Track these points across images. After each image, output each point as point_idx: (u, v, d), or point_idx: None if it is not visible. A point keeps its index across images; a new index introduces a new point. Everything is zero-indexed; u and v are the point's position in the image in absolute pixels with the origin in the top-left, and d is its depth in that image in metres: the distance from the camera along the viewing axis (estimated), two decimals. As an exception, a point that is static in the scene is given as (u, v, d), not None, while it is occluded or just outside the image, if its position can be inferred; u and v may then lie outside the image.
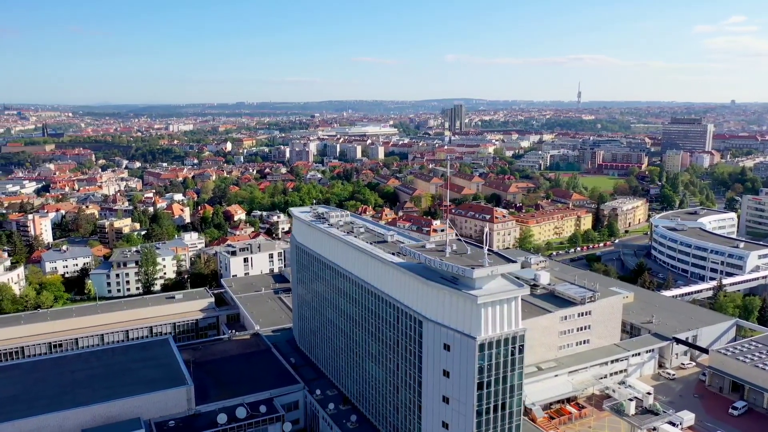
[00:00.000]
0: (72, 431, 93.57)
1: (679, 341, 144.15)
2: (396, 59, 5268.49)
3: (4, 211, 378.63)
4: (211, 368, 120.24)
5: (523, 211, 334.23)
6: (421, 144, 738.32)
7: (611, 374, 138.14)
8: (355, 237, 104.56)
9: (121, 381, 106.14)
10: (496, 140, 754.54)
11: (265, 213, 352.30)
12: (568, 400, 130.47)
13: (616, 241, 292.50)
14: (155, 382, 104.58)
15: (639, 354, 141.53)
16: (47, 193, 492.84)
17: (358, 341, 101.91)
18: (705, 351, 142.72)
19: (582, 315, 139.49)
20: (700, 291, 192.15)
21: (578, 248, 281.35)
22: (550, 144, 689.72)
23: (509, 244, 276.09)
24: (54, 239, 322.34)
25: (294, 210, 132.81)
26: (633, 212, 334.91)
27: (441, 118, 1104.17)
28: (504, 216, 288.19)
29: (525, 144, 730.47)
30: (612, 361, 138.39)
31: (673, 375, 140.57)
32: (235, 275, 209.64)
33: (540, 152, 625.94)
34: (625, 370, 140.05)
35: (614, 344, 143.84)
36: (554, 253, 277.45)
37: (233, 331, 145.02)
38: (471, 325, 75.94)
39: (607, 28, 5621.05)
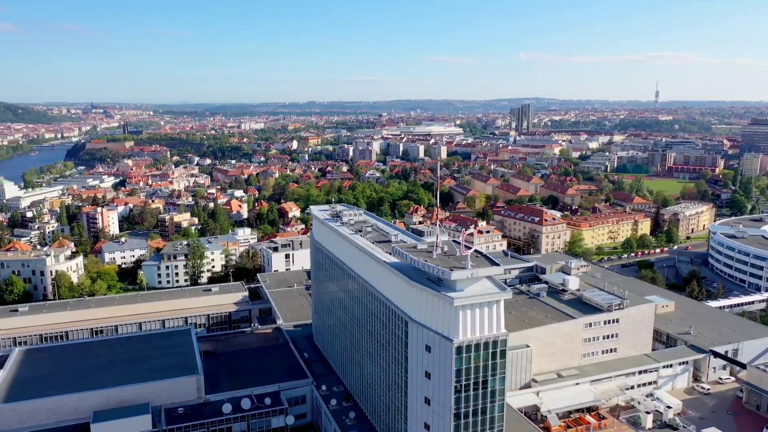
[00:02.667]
0: (86, 412, 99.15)
1: (716, 354, 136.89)
2: (468, 58, 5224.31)
3: (80, 204, 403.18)
4: (228, 359, 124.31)
5: (578, 214, 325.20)
6: (484, 144, 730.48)
7: (639, 385, 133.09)
8: (362, 236, 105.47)
9: (138, 367, 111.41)
10: (563, 141, 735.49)
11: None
12: (589, 410, 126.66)
13: (675, 247, 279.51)
14: (168, 370, 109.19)
15: (671, 366, 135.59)
16: (122, 188, 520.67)
17: (359, 339, 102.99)
18: (744, 366, 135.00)
19: (608, 323, 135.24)
20: (752, 302, 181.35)
21: (632, 254, 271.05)
22: (620, 145, 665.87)
23: (558, 248, 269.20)
24: (120, 231, 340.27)
25: (313, 208, 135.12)
26: (697, 218, 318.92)
27: (509, 117, 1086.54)
28: (554, 218, 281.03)
29: (593, 145, 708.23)
30: (640, 372, 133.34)
31: (708, 390, 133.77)
32: (277, 270, 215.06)
33: (607, 154, 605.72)
34: (655, 382, 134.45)
35: (645, 354, 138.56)
36: (605, 258, 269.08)
37: (255, 324, 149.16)
38: (449, 327, 75.38)
39: (694, 25, 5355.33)
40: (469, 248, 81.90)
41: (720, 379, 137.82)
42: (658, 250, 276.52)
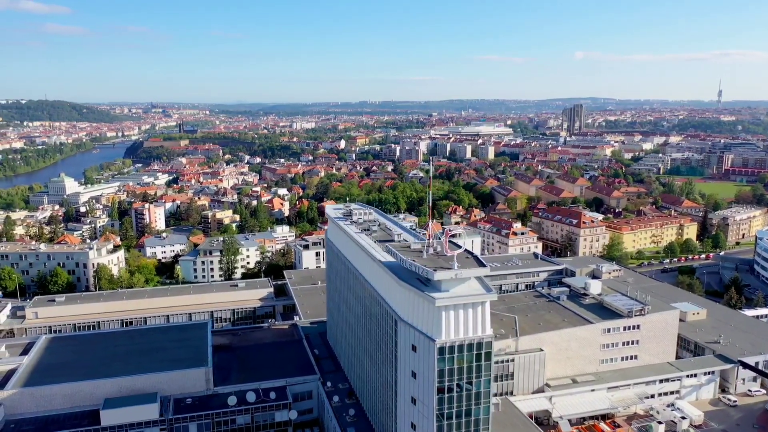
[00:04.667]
0: (100, 398, 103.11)
1: (745, 365, 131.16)
2: (523, 57, 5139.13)
3: (131, 200, 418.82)
4: (242, 353, 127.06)
5: (622, 216, 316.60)
6: (533, 144, 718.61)
7: (660, 394, 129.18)
8: (367, 235, 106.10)
9: (152, 358, 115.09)
10: (616, 142, 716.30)
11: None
12: (604, 418, 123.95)
13: (722, 253, 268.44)
14: (180, 362, 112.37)
15: (695, 375, 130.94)
16: (175, 185, 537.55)
17: (360, 337, 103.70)
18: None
19: (628, 329, 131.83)
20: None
21: (675, 259, 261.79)
22: (675, 146, 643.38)
23: (596, 251, 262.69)
24: (167, 227, 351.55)
25: (328, 207, 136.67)
26: (748, 223, 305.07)
27: (561, 118, 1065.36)
28: (593, 221, 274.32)
29: (647, 146, 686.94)
30: (661, 381, 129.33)
31: (735, 402, 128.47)
32: (307, 267, 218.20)
33: (661, 155, 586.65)
34: (678, 392, 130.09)
35: (667, 363, 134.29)
36: (646, 262, 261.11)
37: (273, 320, 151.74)
38: (432, 328, 75.22)
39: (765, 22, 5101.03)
40: (459, 248, 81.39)
41: (749, 391, 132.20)
42: (703, 256, 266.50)
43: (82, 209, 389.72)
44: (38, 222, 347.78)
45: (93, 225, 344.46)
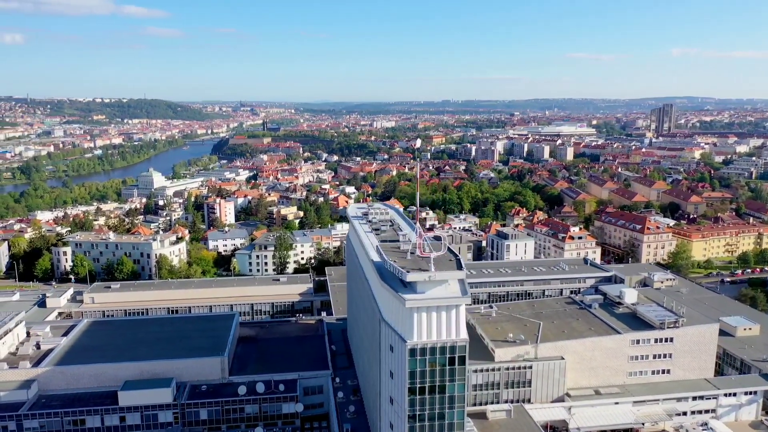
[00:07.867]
0: (122, 380, 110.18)
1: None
2: (614, 55, 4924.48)
3: (208, 195, 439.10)
4: (264, 345, 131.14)
5: (696, 223, 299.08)
6: (616, 146, 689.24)
7: (693, 412, 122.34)
8: (376, 234, 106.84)
9: (176, 345, 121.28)
10: (707, 143, 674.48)
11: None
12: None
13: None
14: (199, 350, 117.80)
15: (734, 395, 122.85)
16: (254, 181, 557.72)
17: (362, 335, 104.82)
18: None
19: (660, 341, 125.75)
20: None
21: (748, 269, 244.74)
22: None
23: (661, 258, 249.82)
24: (237, 221, 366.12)
25: (351, 206, 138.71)
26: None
27: (650, 118, 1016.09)
28: (658, 227, 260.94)
29: (742, 149, 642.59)
30: (694, 398, 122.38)
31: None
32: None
33: (755, 158, 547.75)
34: (714, 411, 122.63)
35: (704, 379, 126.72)
36: (716, 272, 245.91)
37: (300, 315, 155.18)
38: (404, 329, 75.18)
39: None
40: (442, 249, 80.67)
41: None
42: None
43: (161, 203, 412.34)
44: (121, 214, 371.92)
45: (169, 218, 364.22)
